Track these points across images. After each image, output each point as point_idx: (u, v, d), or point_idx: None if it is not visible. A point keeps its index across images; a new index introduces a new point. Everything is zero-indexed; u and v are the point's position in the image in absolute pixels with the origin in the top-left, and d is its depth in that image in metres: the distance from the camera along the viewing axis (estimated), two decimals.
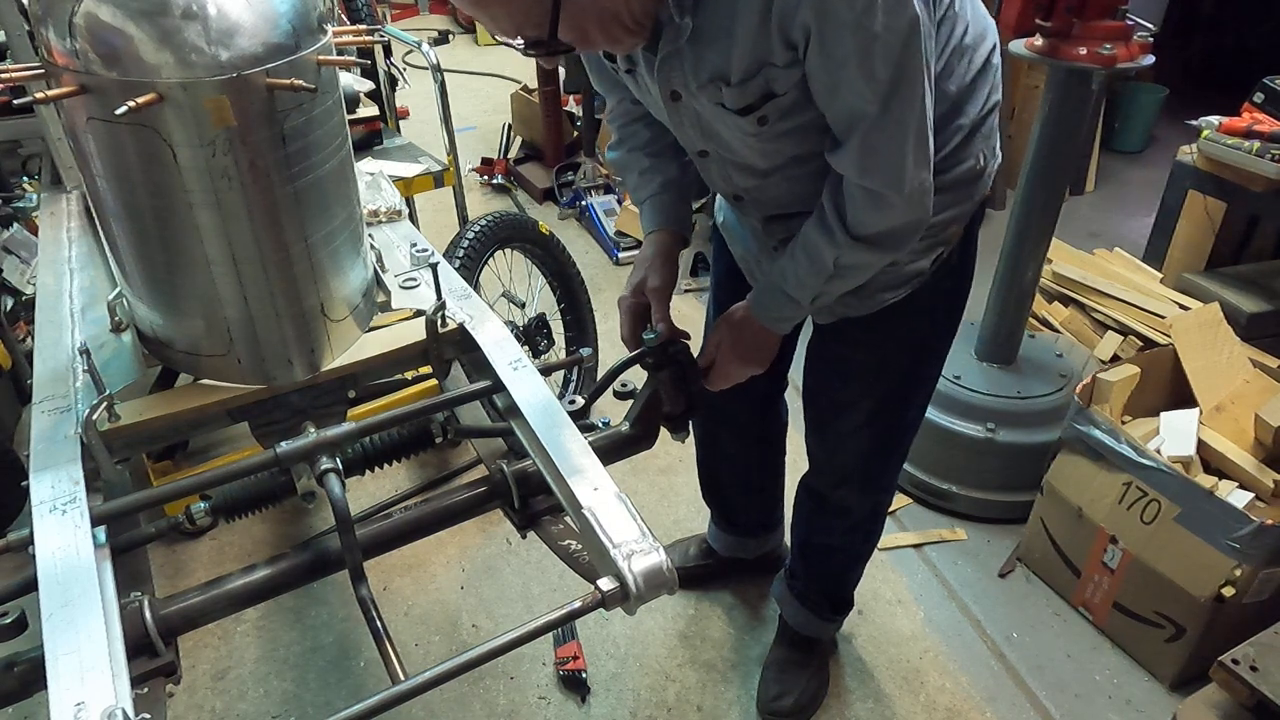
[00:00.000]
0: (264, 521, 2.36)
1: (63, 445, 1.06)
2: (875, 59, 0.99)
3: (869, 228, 1.15)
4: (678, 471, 2.53)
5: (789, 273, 1.24)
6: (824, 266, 1.20)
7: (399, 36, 3.00)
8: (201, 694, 1.92)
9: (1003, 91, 1.28)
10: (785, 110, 1.11)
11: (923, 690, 1.92)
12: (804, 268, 1.22)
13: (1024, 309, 2.33)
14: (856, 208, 1.14)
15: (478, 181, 4.59)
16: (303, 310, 1.17)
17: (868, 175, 1.10)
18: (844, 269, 1.20)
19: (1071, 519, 2.04)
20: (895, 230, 1.16)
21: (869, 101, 1.03)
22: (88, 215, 1.73)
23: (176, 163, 0.99)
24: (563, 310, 2.67)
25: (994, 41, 1.23)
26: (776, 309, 1.29)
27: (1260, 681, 1.33)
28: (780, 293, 1.26)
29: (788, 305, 1.27)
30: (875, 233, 1.16)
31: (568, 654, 1.95)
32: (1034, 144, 2.10)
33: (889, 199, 1.11)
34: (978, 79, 1.20)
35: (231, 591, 1.04)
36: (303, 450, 1.07)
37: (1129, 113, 4.78)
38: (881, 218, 1.14)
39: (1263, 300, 2.69)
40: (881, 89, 1.02)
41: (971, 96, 1.20)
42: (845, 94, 1.04)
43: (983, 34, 1.21)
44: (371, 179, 1.78)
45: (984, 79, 1.21)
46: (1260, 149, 2.46)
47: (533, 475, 1.15)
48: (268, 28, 0.99)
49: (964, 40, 1.16)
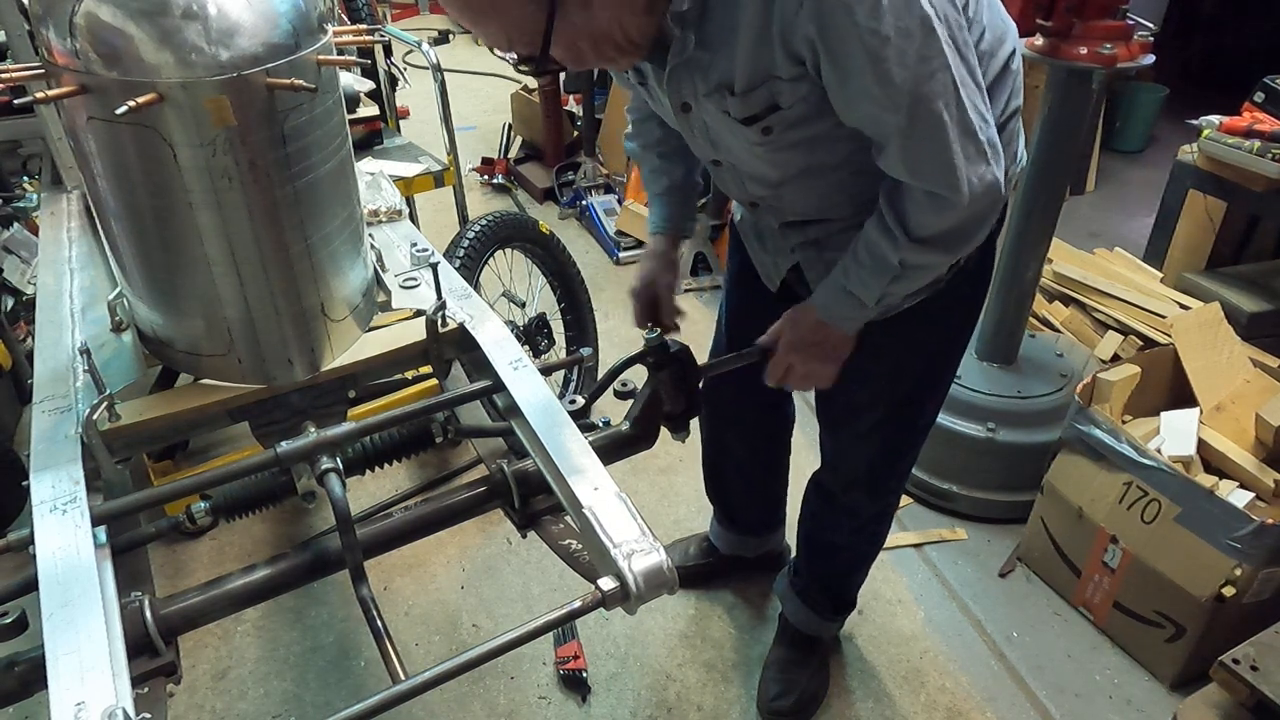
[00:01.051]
0: (264, 521, 2.36)
1: (63, 445, 1.06)
2: (890, 64, 0.94)
3: (931, 229, 1.11)
4: (678, 471, 2.53)
5: (852, 272, 1.19)
6: (889, 267, 1.15)
7: (399, 36, 3.00)
8: (201, 694, 1.92)
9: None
10: (791, 123, 1.09)
11: (923, 690, 1.92)
12: (867, 268, 1.17)
13: (1024, 309, 2.33)
14: (918, 209, 1.10)
15: (478, 181, 4.59)
16: (303, 310, 1.17)
17: (920, 178, 1.06)
18: (910, 269, 1.15)
19: (1072, 519, 2.04)
20: (961, 227, 1.12)
21: (893, 110, 0.98)
22: (88, 215, 1.73)
23: (176, 163, 0.99)
24: (563, 310, 2.67)
25: (1014, 45, 1.19)
26: (839, 308, 1.24)
27: (1260, 681, 1.33)
28: (844, 291, 1.21)
29: (852, 305, 1.22)
30: (938, 233, 1.11)
31: (568, 654, 1.95)
32: (1034, 144, 2.10)
33: (948, 200, 1.06)
34: (996, 84, 1.15)
35: (231, 591, 1.04)
36: (303, 450, 1.07)
37: (1129, 113, 4.79)
38: (943, 218, 1.09)
39: (1263, 300, 2.69)
40: (904, 96, 0.97)
41: (990, 102, 1.14)
42: (865, 105, 1.00)
43: (1001, 38, 1.16)
44: (371, 179, 1.78)
45: (1003, 84, 1.17)
46: (1260, 149, 2.46)
47: (533, 475, 1.15)
48: (268, 28, 0.99)
49: (980, 45, 1.11)
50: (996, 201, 1.09)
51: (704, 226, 3.47)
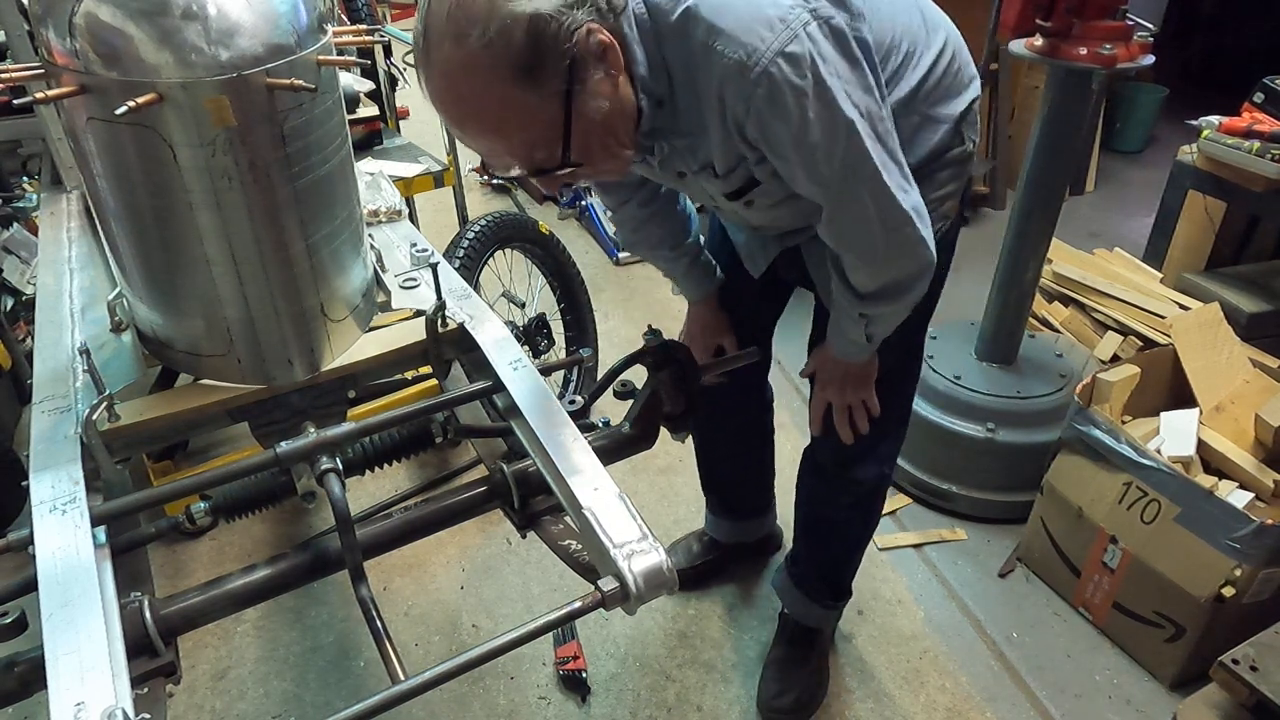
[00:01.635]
0: (264, 521, 2.36)
1: (63, 445, 1.06)
2: (818, 164, 1.09)
3: (868, 286, 1.28)
4: (678, 471, 2.53)
5: (839, 320, 1.40)
6: (854, 317, 1.34)
7: (399, 36, 3.01)
8: (201, 694, 1.92)
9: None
10: (770, 194, 1.23)
11: (923, 690, 1.92)
12: (844, 317, 1.37)
13: (1024, 309, 2.33)
14: (853, 271, 1.27)
15: (478, 181, 4.59)
16: (303, 310, 1.17)
17: (843, 247, 1.24)
18: (871, 318, 1.33)
19: (1071, 519, 2.04)
20: (896, 282, 1.26)
21: (823, 193, 1.14)
22: (88, 215, 1.73)
23: (176, 163, 0.99)
24: (563, 310, 2.67)
25: (944, 32, 1.29)
26: (843, 347, 1.44)
27: (1260, 681, 1.33)
28: (843, 337, 1.41)
29: (851, 344, 1.41)
30: (877, 289, 1.27)
31: (568, 654, 1.95)
32: (1034, 144, 2.10)
33: (872, 263, 1.23)
34: (947, 74, 1.27)
35: (231, 591, 1.04)
36: (303, 450, 1.07)
37: (1129, 113, 4.79)
38: (873, 277, 1.26)
39: (1263, 300, 2.69)
40: (832, 185, 1.12)
41: (950, 96, 1.28)
42: (802, 188, 1.15)
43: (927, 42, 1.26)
44: (371, 179, 1.77)
45: (953, 71, 1.28)
46: (1260, 149, 2.46)
47: (533, 475, 1.15)
48: (268, 28, 0.99)
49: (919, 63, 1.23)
50: (921, 258, 1.23)
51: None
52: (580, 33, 0.97)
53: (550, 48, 0.96)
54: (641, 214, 1.53)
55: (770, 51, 0.99)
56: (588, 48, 0.98)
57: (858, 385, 1.50)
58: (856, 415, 1.53)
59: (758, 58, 0.99)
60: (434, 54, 0.96)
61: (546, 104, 0.99)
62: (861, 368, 1.47)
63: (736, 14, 1.00)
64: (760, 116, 1.04)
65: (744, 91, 1.02)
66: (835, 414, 1.54)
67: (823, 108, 1.03)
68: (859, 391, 1.51)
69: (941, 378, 2.32)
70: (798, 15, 1.00)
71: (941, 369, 2.34)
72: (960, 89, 1.30)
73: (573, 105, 1.00)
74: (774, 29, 0.99)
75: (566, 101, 1.00)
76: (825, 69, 1.02)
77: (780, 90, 1.01)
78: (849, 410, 1.53)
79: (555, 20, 0.95)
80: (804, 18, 1.01)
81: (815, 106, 1.03)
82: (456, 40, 0.94)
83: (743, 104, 1.04)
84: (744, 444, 1.99)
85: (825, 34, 1.02)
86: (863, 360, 1.45)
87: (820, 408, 1.56)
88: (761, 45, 0.99)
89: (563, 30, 0.95)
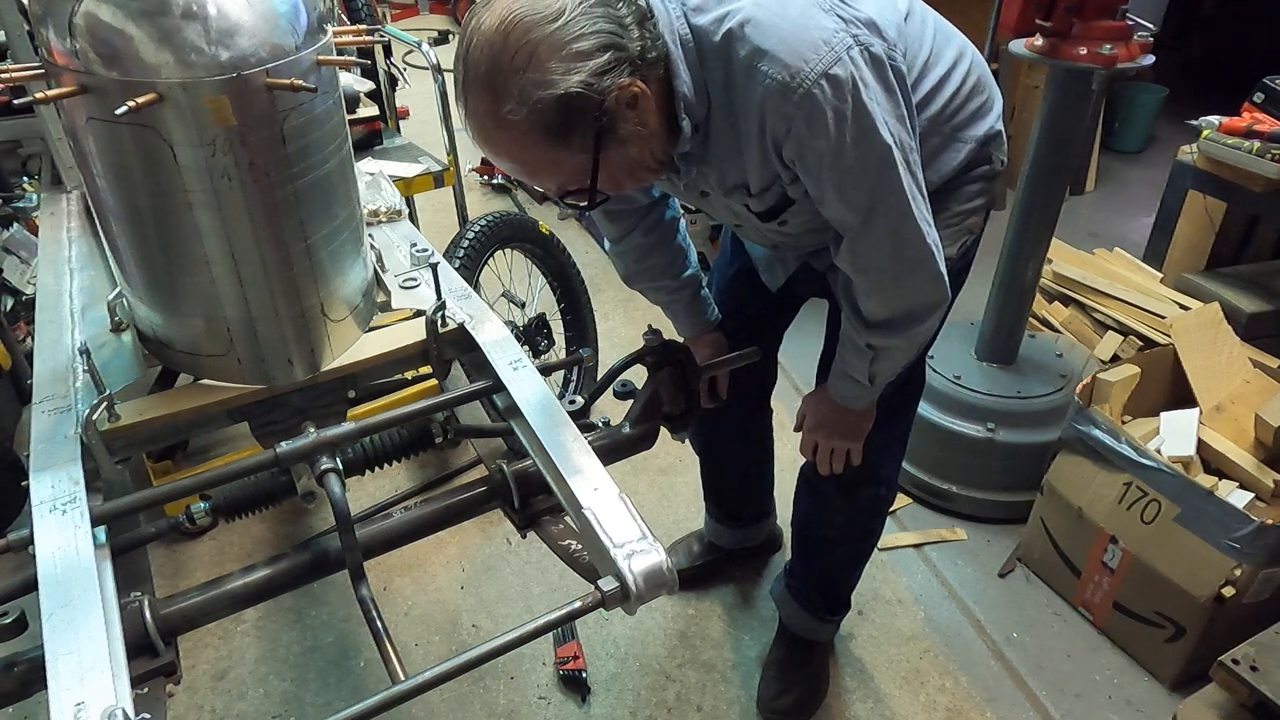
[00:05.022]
0: (264, 521, 2.36)
1: (63, 445, 1.06)
2: (849, 189, 1.11)
3: (879, 315, 1.27)
4: (678, 471, 2.53)
5: (844, 357, 1.38)
6: (862, 350, 1.32)
7: (399, 36, 3.00)
8: (201, 694, 1.92)
9: (1002, 91, 1.35)
10: (804, 212, 1.22)
11: (923, 690, 1.92)
12: (850, 352, 1.35)
13: (1024, 309, 2.33)
14: (865, 298, 1.26)
15: (478, 181, 4.59)
16: (303, 310, 1.17)
17: (859, 273, 1.23)
18: (878, 351, 1.31)
19: (1071, 519, 2.04)
20: (907, 313, 1.26)
21: (851, 217, 1.15)
22: (88, 215, 1.73)
23: (176, 163, 0.99)
24: (563, 310, 2.67)
25: (967, 53, 1.30)
26: (845, 389, 1.42)
27: (1260, 681, 1.33)
28: (845, 375, 1.39)
29: (853, 385, 1.39)
30: (887, 318, 1.27)
31: (568, 654, 1.95)
32: (1034, 144, 2.10)
33: (886, 289, 1.23)
34: (970, 99, 1.28)
35: (231, 591, 1.04)
36: (303, 450, 1.06)
37: (1129, 113, 4.78)
38: (886, 305, 1.25)
39: (1263, 300, 2.69)
40: (860, 209, 1.13)
41: (974, 119, 1.29)
42: (830, 210, 1.16)
43: (956, 58, 1.27)
44: (371, 179, 1.77)
45: (976, 95, 1.29)
46: (1260, 149, 2.46)
47: (533, 475, 1.15)
48: (268, 28, 0.99)
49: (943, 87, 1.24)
50: (935, 292, 1.24)
51: (703, 226, 3.48)
52: (611, 97, 1.00)
53: (581, 117, 1.00)
54: (646, 242, 1.53)
55: (814, 73, 1.01)
56: (619, 106, 1.01)
57: (847, 434, 1.50)
58: (837, 460, 1.54)
59: (801, 79, 1.01)
60: (471, 103, 1.00)
61: (577, 157, 1.04)
62: (857, 417, 1.46)
63: (781, 36, 1.02)
64: (799, 137, 1.06)
65: (785, 112, 1.04)
66: (819, 453, 1.55)
67: (860, 133, 1.05)
68: (847, 441, 1.50)
69: (941, 378, 2.32)
70: (841, 39, 1.03)
71: (941, 369, 2.34)
72: (986, 111, 1.31)
73: (601, 155, 1.05)
74: (818, 51, 1.01)
75: (596, 153, 1.04)
76: (866, 94, 1.04)
77: (821, 111, 1.02)
78: (833, 451, 1.53)
79: (586, 95, 0.98)
80: (847, 42, 1.03)
81: (853, 131, 1.05)
82: (492, 103, 0.98)
83: (784, 124, 1.05)
84: (744, 451, 1.99)
85: (866, 60, 1.05)
86: (859, 408, 1.44)
87: (809, 445, 1.57)
88: (806, 67, 1.01)
89: (593, 101, 0.99)
